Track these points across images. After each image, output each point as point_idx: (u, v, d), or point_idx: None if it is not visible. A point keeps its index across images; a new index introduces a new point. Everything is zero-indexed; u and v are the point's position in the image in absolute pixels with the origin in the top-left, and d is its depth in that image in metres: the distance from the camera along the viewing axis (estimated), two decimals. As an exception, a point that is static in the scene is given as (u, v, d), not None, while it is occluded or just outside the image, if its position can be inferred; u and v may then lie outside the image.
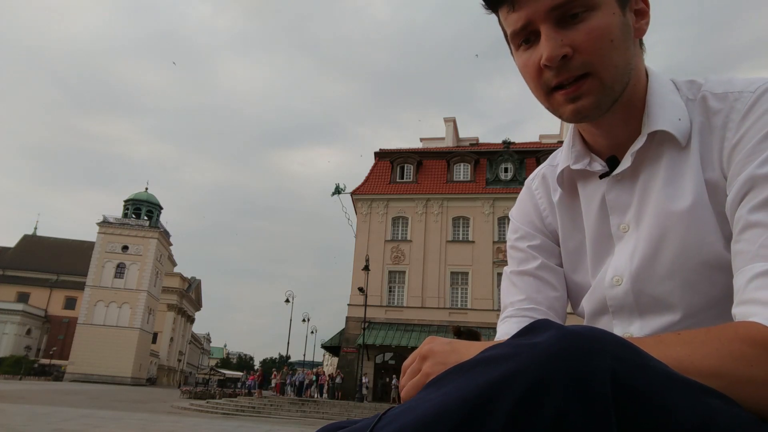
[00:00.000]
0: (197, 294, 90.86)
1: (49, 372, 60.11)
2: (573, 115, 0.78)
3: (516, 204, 1.05)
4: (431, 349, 0.70)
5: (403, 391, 0.72)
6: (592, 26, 0.73)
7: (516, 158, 33.45)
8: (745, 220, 0.68)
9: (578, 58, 0.74)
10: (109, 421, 12.24)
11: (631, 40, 0.78)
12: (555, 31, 0.74)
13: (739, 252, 0.68)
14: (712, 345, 0.57)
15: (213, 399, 28.45)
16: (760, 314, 0.60)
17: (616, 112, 0.80)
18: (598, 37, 0.73)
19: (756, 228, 0.66)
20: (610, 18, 0.74)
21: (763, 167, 0.68)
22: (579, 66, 0.74)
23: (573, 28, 0.73)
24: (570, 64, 0.74)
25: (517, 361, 0.46)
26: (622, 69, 0.76)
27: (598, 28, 0.73)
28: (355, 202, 34.62)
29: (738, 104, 0.75)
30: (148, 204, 67.69)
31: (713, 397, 0.48)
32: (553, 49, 0.73)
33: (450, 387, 0.48)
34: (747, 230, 0.67)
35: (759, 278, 0.63)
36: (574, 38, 0.73)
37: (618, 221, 0.85)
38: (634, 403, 0.44)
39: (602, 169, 0.86)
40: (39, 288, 71.52)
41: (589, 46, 0.73)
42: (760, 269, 0.64)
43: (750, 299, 0.63)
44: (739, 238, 0.69)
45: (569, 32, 0.73)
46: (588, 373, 0.44)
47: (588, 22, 0.73)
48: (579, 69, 0.74)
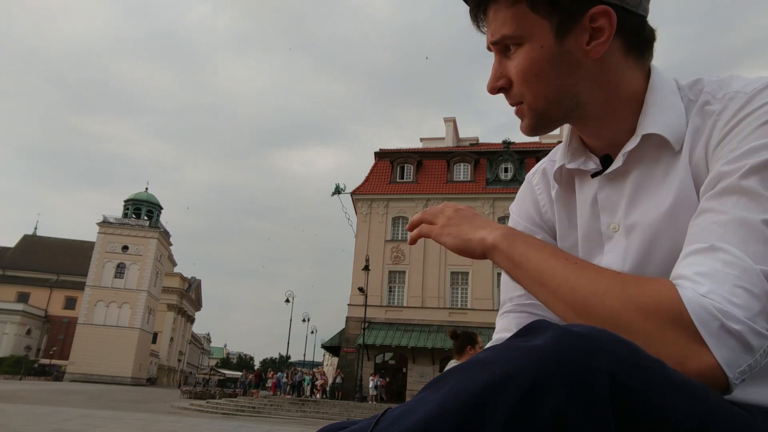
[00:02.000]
0: (197, 294, 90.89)
1: (49, 372, 60.17)
2: (522, 130, 0.85)
3: (516, 198, 1.05)
4: (446, 206, 0.83)
5: (417, 219, 0.85)
6: (518, 62, 0.79)
7: (516, 158, 33.48)
8: (700, 207, 0.70)
9: (514, 88, 0.81)
10: (109, 421, 12.25)
11: (575, 65, 0.78)
12: (498, 61, 0.81)
13: (687, 235, 0.70)
14: (619, 287, 0.62)
15: (213, 399, 28.47)
16: (682, 286, 0.62)
17: (590, 120, 0.83)
18: (522, 72, 0.79)
19: (705, 214, 0.68)
20: (537, 52, 0.77)
21: (732, 163, 0.69)
22: (515, 95, 0.82)
23: (511, 59, 0.80)
24: (510, 92, 0.82)
25: (516, 363, 0.46)
26: (554, 97, 0.79)
27: (521, 64, 0.78)
28: (355, 202, 34.64)
29: (731, 104, 0.74)
30: (148, 204, 67.74)
31: (710, 396, 0.48)
32: (490, 82, 0.83)
33: (449, 388, 0.48)
34: (698, 216, 0.69)
35: (689, 256, 0.66)
36: (509, 71, 0.80)
37: (608, 221, 0.85)
38: (633, 403, 0.44)
39: (596, 168, 0.87)
40: (39, 288, 71.56)
41: (517, 80, 0.80)
42: (692, 248, 0.66)
43: (676, 275, 0.65)
44: (691, 223, 0.70)
45: (508, 63, 0.80)
46: (586, 373, 0.44)
47: (516, 58, 0.79)
48: (515, 98, 0.82)
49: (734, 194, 0.66)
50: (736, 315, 0.58)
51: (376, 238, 33.16)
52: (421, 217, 0.85)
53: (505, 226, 0.78)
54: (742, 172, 0.66)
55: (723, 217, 0.65)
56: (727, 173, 0.69)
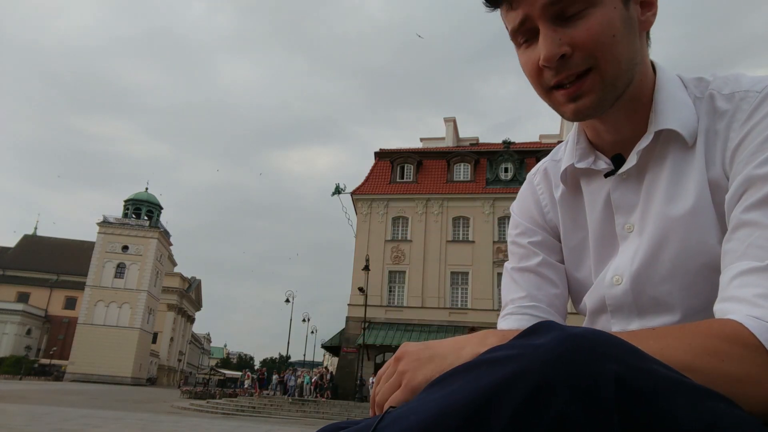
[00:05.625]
0: (197, 294, 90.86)
1: (49, 372, 60.12)
2: (574, 114, 0.76)
3: (517, 199, 1.04)
4: (405, 350, 0.68)
5: (378, 395, 0.67)
6: (593, 23, 0.71)
7: (516, 158, 33.45)
8: (738, 219, 0.68)
9: (578, 55, 0.72)
10: (109, 421, 12.24)
11: (636, 33, 0.75)
12: (553, 29, 0.72)
13: (729, 251, 0.68)
14: (686, 340, 0.57)
15: (213, 399, 28.47)
16: (737, 311, 0.60)
17: (620, 108, 0.79)
18: (599, 33, 0.71)
19: (747, 227, 0.66)
20: (612, 12, 0.72)
21: (762, 168, 0.67)
22: (580, 62, 0.72)
23: (572, 25, 0.71)
24: (570, 62, 0.72)
25: (520, 363, 0.45)
26: (625, 64, 0.74)
27: (599, 24, 0.71)
28: (355, 202, 34.62)
29: (743, 104, 0.73)
30: (148, 204, 67.71)
31: (717, 400, 0.48)
32: (550, 48, 0.72)
33: (452, 388, 0.47)
34: (738, 229, 0.67)
35: (742, 276, 0.63)
36: (573, 36, 0.71)
37: (623, 221, 0.84)
38: (638, 406, 0.44)
39: (607, 167, 0.85)
40: (39, 288, 71.52)
41: (590, 44, 0.71)
42: (744, 267, 0.63)
43: (730, 296, 0.63)
44: (731, 237, 0.68)
45: (568, 30, 0.71)
46: (591, 376, 0.43)
47: (588, 19, 0.71)
48: (580, 65, 0.73)
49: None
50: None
51: (376, 238, 33.13)
52: (378, 377, 0.70)
53: (485, 331, 0.66)
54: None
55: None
56: (759, 179, 0.67)
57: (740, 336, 0.57)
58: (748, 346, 0.56)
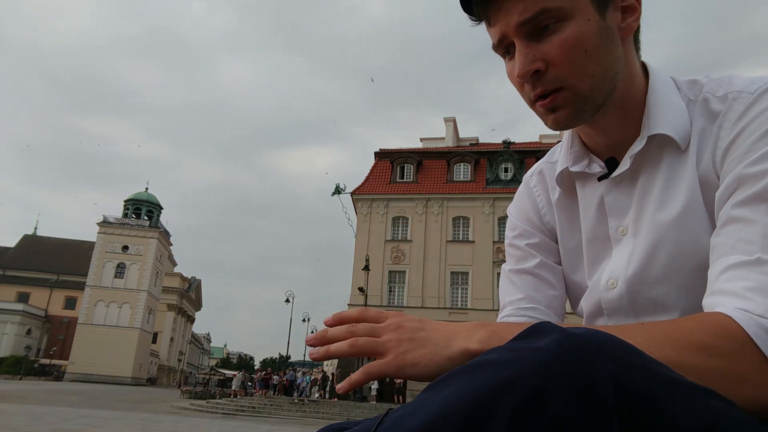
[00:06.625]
0: (197, 294, 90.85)
1: (49, 372, 60.13)
2: (554, 124, 0.78)
3: (514, 200, 1.04)
4: (401, 323, 0.65)
5: (356, 345, 0.64)
6: (564, 38, 0.72)
7: (516, 158, 33.45)
8: (727, 215, 0.68)
9: (552, 71, 0.73)
10: (109, 421, 12.24)
11: (616, 41, 0.76)
12: (527, 45, 0.73)
13: (717, 245, 0.68)
14: (673, 335, 0.57)
15: (213, 399, 28.45)
16: (726, 304, 0.60)
17: (609, 114, 0.80)
18: (569, 49, 0.72)
19: (736, 223, 0.66)
20: (585, 26, 0.72)
21: (753, 166, 0.67)
22: (552, 80, 0.74)
23: (545, 40, 0.72)
24: (544, 78, 0.74)
25: (519, 365, 0.45)
26: (600, 77, 0.74)
27: (569, 40, 0.72)
28: (355, 202, 34.61)
29: (736, 104, 0.74)
30: (149, 204, 67.72)
31: (716, 399, 0.48)
32: (523, 65, 0.74)
33: (451, 390, 0.47)
34: (727, 225, 0.67)
35: (730, 270, 0.63)
36: (546, 51, 0.72)
37: (616, 224, 0.85)
38: (637, 407, 0.44)
39: (601, 171, 0.86)
40: (39, 288, 71.51)
41: (561, 60, 0.72)
42: (733, 261, 0.64)
43: (718, 290, 0.63)
44: (719, 232, 0.69)
45: (542, 45, 0.73)
46: (590, 377, 0.43)
47: (559, 34, 0.72)
48: (552, 83, 0.74)
49: (765, 202, 0.64)
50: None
51: (376, 238, 33.13)
52: (360, 315, 0.68)
53: (475, 322, 0.65)
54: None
55: (760, 228, 0.63)
56: (750, 177, 0.67)
57: (728, 329, 0.57)
58: (737, 340, 0.56)
